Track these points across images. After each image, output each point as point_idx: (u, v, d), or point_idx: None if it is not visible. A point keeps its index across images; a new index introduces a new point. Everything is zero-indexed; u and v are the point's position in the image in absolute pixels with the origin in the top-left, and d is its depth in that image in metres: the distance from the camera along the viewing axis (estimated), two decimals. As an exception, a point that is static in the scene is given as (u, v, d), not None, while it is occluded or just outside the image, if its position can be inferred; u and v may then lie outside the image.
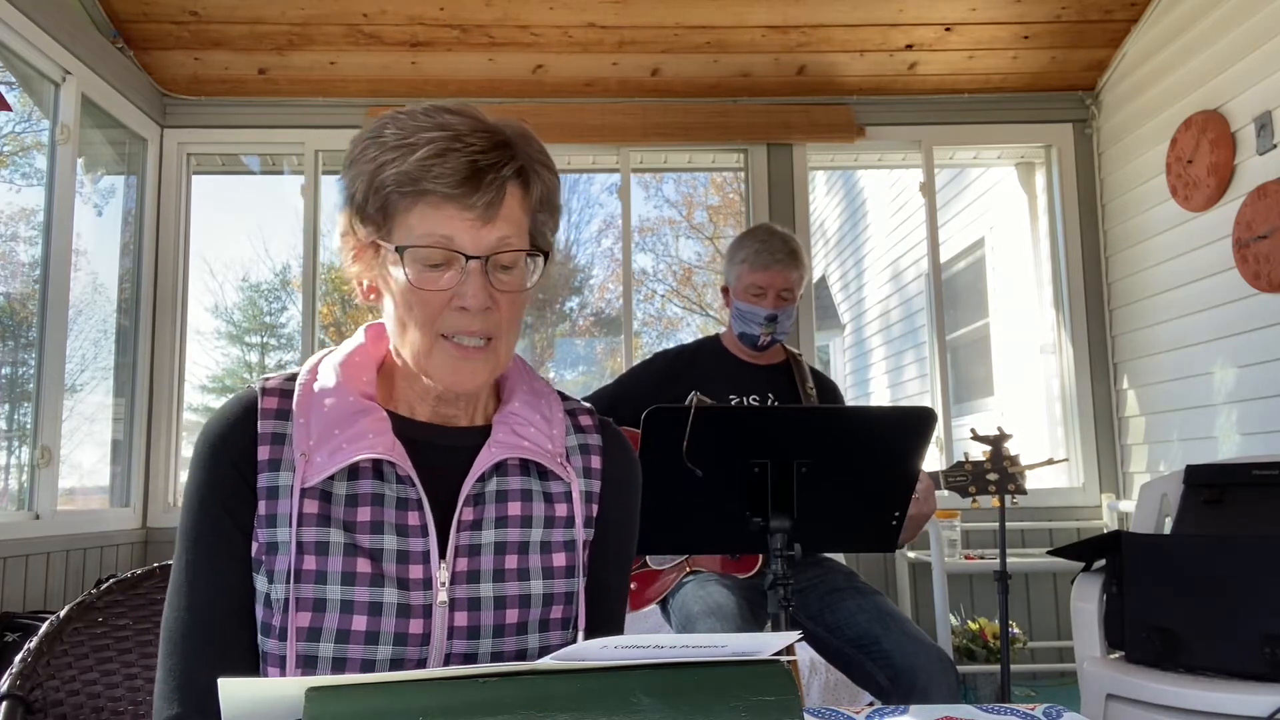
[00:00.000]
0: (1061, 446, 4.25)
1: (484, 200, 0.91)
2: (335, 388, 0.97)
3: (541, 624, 0.97)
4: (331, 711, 0.61)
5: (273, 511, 0.92)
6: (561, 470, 1.00)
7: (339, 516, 0.92)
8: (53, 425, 3.32)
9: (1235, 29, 3.32)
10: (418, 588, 0.92)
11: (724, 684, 0.68)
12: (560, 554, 0.99)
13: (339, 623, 0.90)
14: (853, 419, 1.75)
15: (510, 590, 0.95)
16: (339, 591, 0.90)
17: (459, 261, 0.92)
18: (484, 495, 0.97)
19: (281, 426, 0.95)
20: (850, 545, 1.88)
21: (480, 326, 0.93)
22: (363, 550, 0.92)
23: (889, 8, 3.85)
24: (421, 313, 0.93)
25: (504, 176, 0.92)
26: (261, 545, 0.92)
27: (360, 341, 1.04)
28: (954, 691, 1.95)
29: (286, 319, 10.26)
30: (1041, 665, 3.97)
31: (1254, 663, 2.11)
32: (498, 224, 0.93)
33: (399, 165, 0.91)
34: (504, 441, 0.98)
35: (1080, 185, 4.28)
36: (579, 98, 4.24)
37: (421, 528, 0.94)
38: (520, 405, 1.02)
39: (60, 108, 3.43)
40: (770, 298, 2.31)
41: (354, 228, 0.97)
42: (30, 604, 3.10)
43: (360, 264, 0.99)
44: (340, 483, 0.93)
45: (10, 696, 1.06)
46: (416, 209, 0.92)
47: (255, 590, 0.93)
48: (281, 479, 0.93)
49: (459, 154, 0.91)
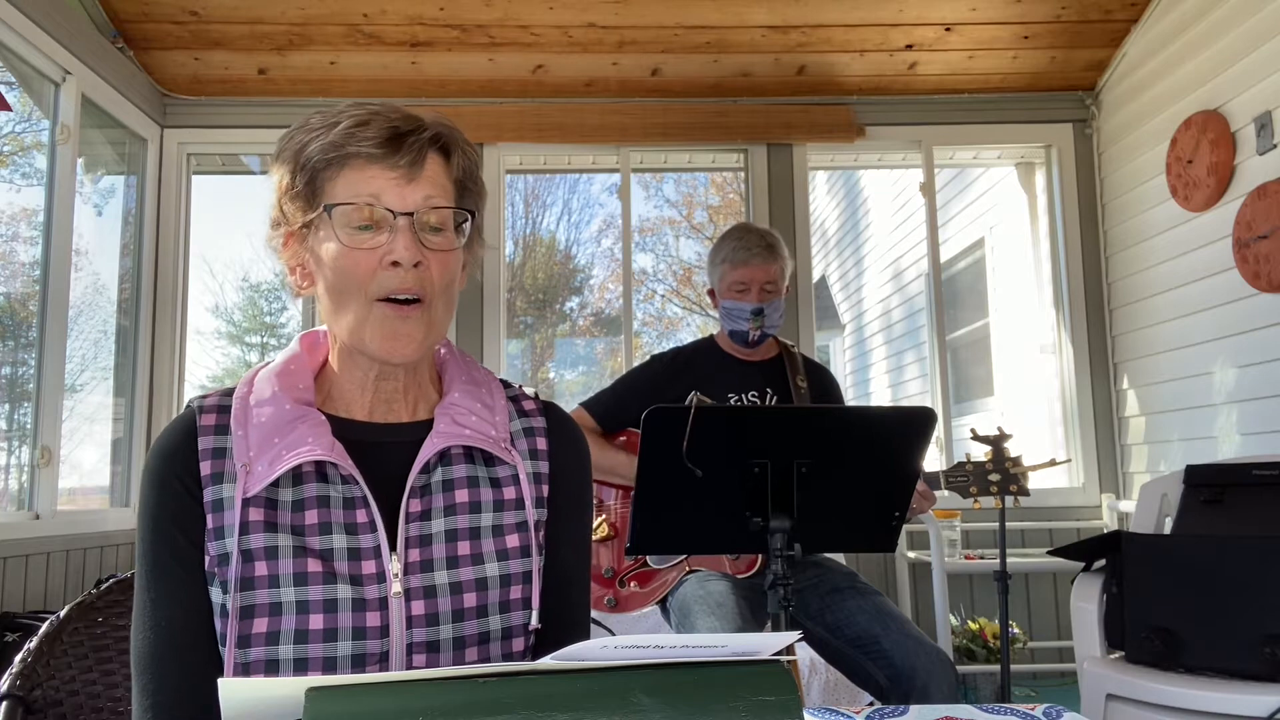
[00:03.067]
0: (1062, 446, 4.25)
1: (406, 159, 0.95)
2: (271, 398, 0.98)
3: (501, 605, 0.98)
4: (331, 711, 0.61)
5: (219, 524, 0.94)
6: (506, 454, 1.02)
7: (286, 521, 0.94)
8: (53, 425, 3.32)
9: (1235, 29, 3.32)
10: (371, 582, 0.94)
11: (724, 684, 0.68)
12: (513, 535, 1.01)
13: (296, 623, 0.91)
14: (853, 419, 1.74)
15: (465, 575, 0.97)
16: (293, 593, 0.92)
17: (387, 220, 0.95)
18: (430, 486, 0.99)
19: (221, 441, 0.97)
20: (850, 545, 1.88)
21: (412, 284, 0.95)
22: (313, 551, 0.94)
23: (889, 8, 3.85)
24: (355, 276, 0.95)
25: (424, 139, 0.97)
26: (213, 558, 0.93)
27: (295, 350, 1.05)
28: (954, 691, 1.95)
29: (286, 319, 10.26)
30: (1041, 665, 3.97)
31: (1254, 663, 2.11)
32: (421, 183, 0.96)
33: (323, 138, 0.96)
34: (445, 431, 1.00)
35: (1080, 185, 4.29)
36: (579, 98, 4.24)
37: (370, 524, 0.95)
38: (460, 395, 1.04)
39: (60, 108, 3.43)
40: (754, 292, 2.33)
41: (284, 211, 1.00)
42: (30, 604, 3.10)
43: (289, 250, 1.01)
44: (285, 489, 0.95)
45: (10, 696, 1.06)
46: (342, 175, 0.96)
47: None
48: (225, 491, 0.94)
49: (379, 122, 0.96)
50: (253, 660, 0.91)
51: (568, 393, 9.56)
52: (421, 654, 0.95)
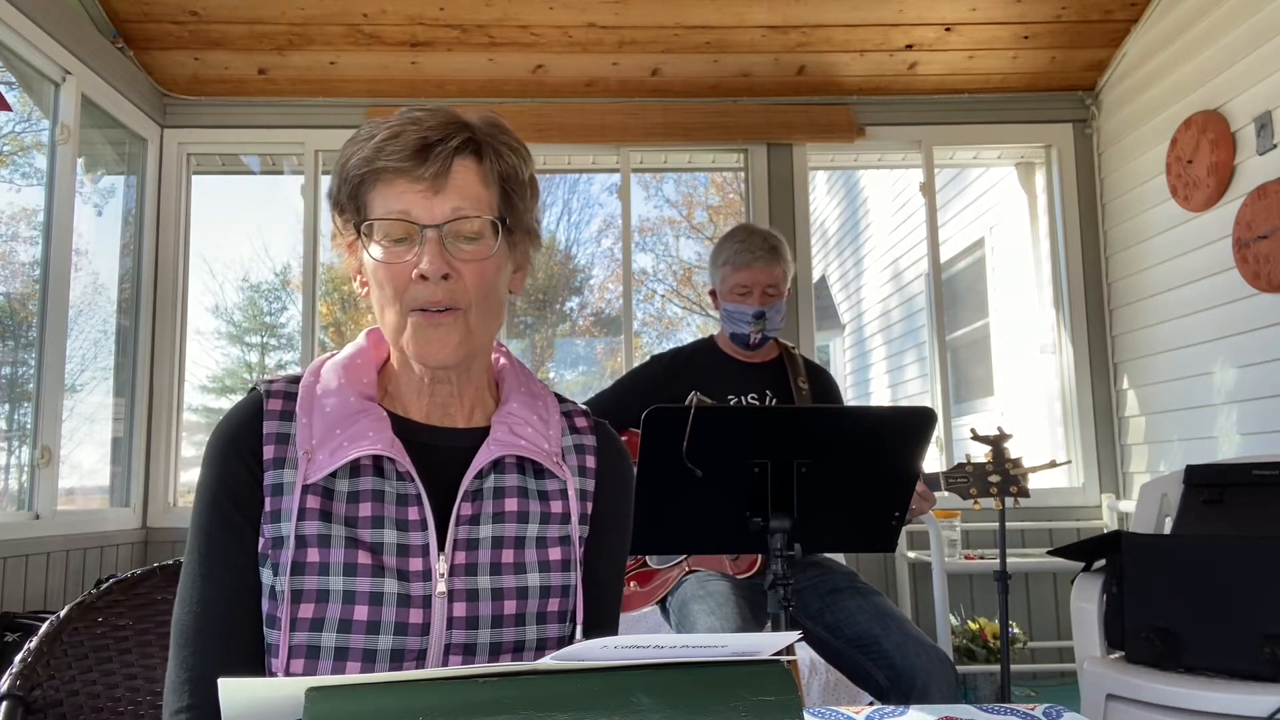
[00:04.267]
0: (1062, 447, 4.25)
1: (431, 171, 0.96)
2: (336, 389, 1.01)
3: (539, 616, 1.00)
4: (331, 711, 0.61)
5: (277, 507, 0.96)
6: (557, 468, 1.04)
7: (340, 512, 0.96)
8: (53, 425, 3.32)
9: (1235, 29, 3.32)
10: (417, 579, 0.95)
11: (724, 684, 0.68)
12: (556, 549, 1.02)
13: (341, 612, 0.93)
14: (853, 419, 1.74)
15: (507, 583, 0.99)
16: (341, 582, 0.94)
17: (415, 234, 0.96)
18: (481, 491, 1.00)
19: (285, 426, 0.99)
20: (850, 545, 1.88)
21: (442, 296, 0.96)
22: (364, 544, 0.95)
23: (889, 8, 3.85)
24: (391, 288, 0.97)
25: (450, 148, 0.97)
26: (267, 540, 0.96)
27: (361, 345, 1.08)
28: (953, 691, 1.95)
29: (286, 319, 10.26)
30: (1041, 665, 3.97)
31: (1254, 663, 2.11)
32: (449, 194, 0.97)
33: (361, 152, 0.98)
34: (502, 440, 1.01)
35: (1080, 185, 4.28)
36: (579, 98, 4.24)
37: (421, 522, 0.97)
38: (518, 406, 1.05)
39: (60, 108, 3.43)
40: (756, 295, 2.33)
41: (336, 224, 1.03)
42: (30, 604, 3.10)
43: (351, 258, 1.05)
44: (342, 480, 0.97)
45: (10, 696, 1.06)
46: (376, 189, 0.98)
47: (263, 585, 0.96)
48: (286, 476, 0.96)
49: (411, 133, 0.96)
50: (295, 644, 0.92)
51: (568, 393, 9.53)
52: (459, 655, 0.96)
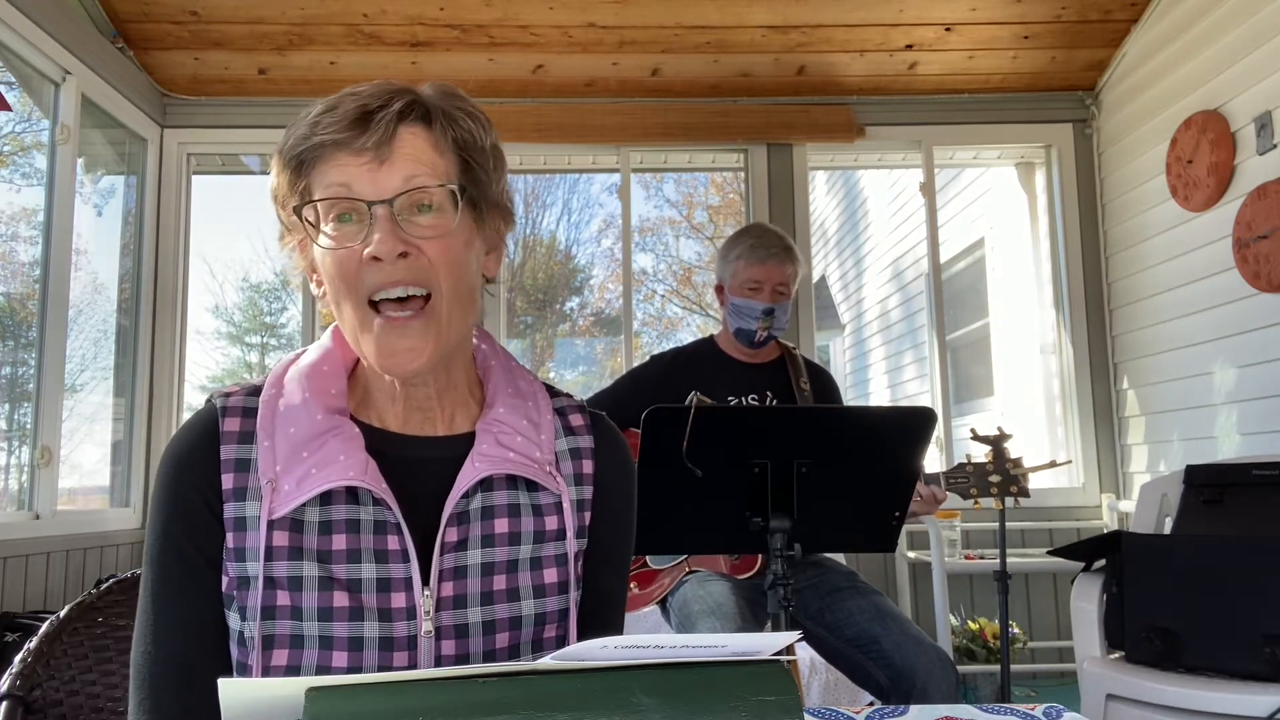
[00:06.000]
0: (1062, 446, 4.25)
1: (374, 139, 0.85)
2: (301, 403, 0.90)
3: (534, 645, 0.92)
4: (331, 711, 0.61)
5: (241, 545, 0.87)
6: (551, 481, 0.94)
7: (312, 547, 0.87)
8: (53, 425, 3.31)
9: (1235, 29, 3.32)
10: (401, 617, 0.87)
11: (724, 684, 0.68)
12: (551, 569, 0.94)
13: (318, 659, 0.85)
14: (853, 419, 1.75)
15: (500, 614, 0.90)
16: (316, 628, 0.85)
17: (362, 211, 0.86)
18: (468, 513, 0.91)
19: (245, 451, 0.89)
20: (850, 545, 1.88)
21: (403, 275, 0.85)
22: (339, 582, 0.86)
23: (889, 8, 3.85)
24: (342, 277, 0.87)
25: (393, 112, 0.86)
26: (232, 580, 0.87)
27: (328, 346, 0.96)
28: (953, 691, 1.95)
29: (286, 319, 10.27)
30: (1041, 665, 3.97)
31: (1254, 663, 2.11)
32: (397, 163, 0.86)
33: (297, 131, 0.88)
34: (488, 454, 0.91)
35: (1080, 185, 4.28)
36: (579, 98, 4.24)
37: (401, 553, 0.88)
38: (505, 411, 0.95)
39: (60, 108, 3.43)
40: (767, 292, 2.33)
41: (281, 219, 0.93)
42: (30, 604, 3.10)
43: (303, 257, 0.94)
44: (312, 508, 0.87)
45: (10, 696, 1.06)
46: (316, 169, 0.87)
47: (227, 626, 0.88)
48: (249, 509, 0.87)
49: (349, 103, 0.87)
50: None
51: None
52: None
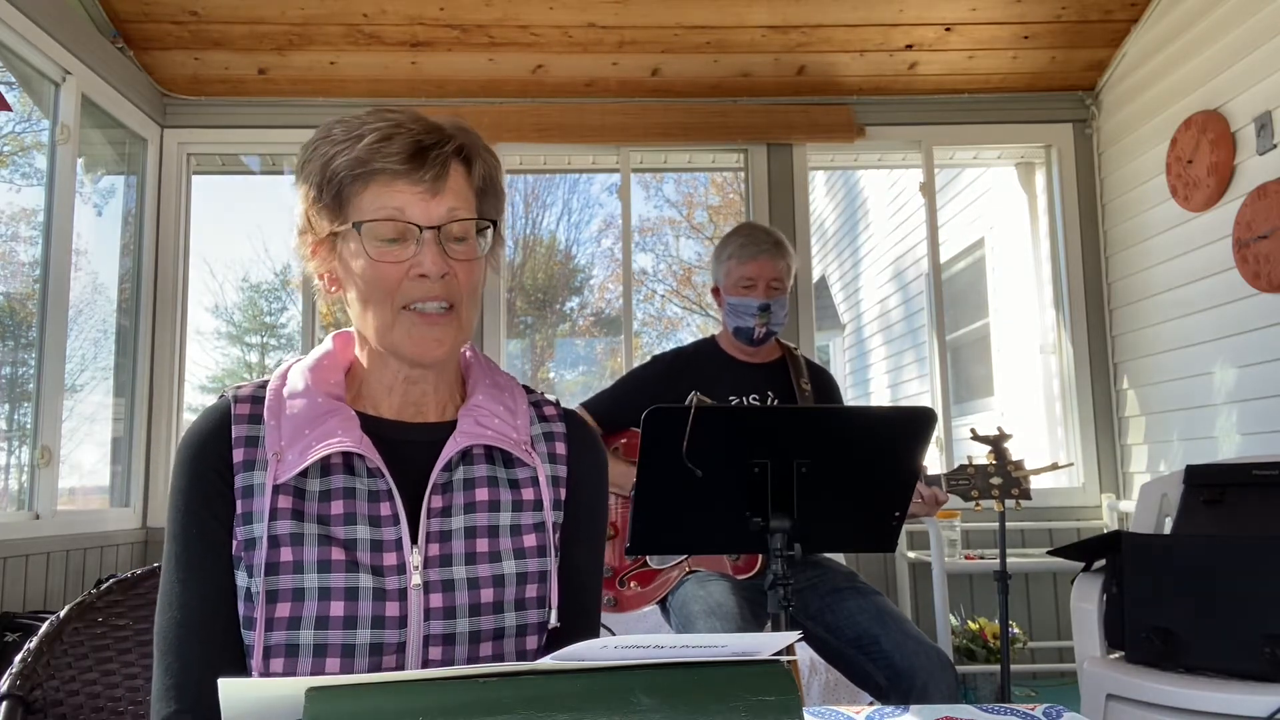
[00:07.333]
0: (1062, 447, 4.25)
1: (430, 174, 0.98)
2: (304, 390, 1.02)
3: (517, 603, 1.01)
4: (331, 711, 0.61)
5: (249, 509, 0.97)
6: (526, 456, 1.05)
7: (312, 511, 0.97)
8: (53, 425, 3.32)
9: (1235, 29, 3.32)
10: (392, 573, 0.97)
11: (724, 684, 0.68)
12: (530, 535, 1.04)
13: (318, 609, 0.94)
14: (853, 419, 1.74)
15: (483, 572, 1.00)
16: (315, 580, 0.95)
17: (413, 233, 0.99)
18: (451, 484, 1.02)
19: (254, 430, 1.00)
20: (850, 545, 1.88)
21: (441, 292, 0.99)
22: (337, 541, 0.97)
23: (889, 8, 3.85)
24: (382, 287, 0.99)
25: (447, 153, 1.00)
26: (240, 543, 0.97)
27: (329, 348, 1.09)
28: (953, 691, 1.95)
29: (286, 319, 10.27)
30: (1041, 665, 3.97)
31: (1254, 663, 2.11)
32: (445, 196, 1.00)
33: (349, 153, 0.98)
34: (468, 430, 1.03)
35: (1080, 185, 4.28)
36: (579, 98, 4.24)
37: (393, 516, 0.98)
38: (484, 398, 1.07)
39: (60, 108, 3.43)
40: (761, 288, 2.33)
41: (311, 222, 1.03)
42: (30, 604, 3.10)
43: (318, 258, 1.05)
44: (313, 479, 0.99)
45: (10, 696, 1.06)
46: (369, 190, 0.99)
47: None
48: (256, 478, 0.98)
49: (403, 137, 0.98)
50: (274, 644, 0.93)
51: (568, 393, 9.56)
52: (438, 646, 0.97)
